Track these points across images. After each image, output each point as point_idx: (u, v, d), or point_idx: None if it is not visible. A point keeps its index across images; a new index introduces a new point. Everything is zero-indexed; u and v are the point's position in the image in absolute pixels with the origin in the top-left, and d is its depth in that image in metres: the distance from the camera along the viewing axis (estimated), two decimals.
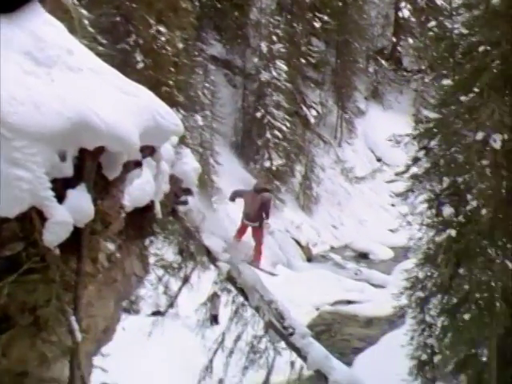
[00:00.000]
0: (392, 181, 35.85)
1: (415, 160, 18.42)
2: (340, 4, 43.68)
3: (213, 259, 11.41)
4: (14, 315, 6.06)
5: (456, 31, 16.42)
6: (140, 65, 22.89)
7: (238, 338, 11.74)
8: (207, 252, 11.40)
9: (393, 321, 26.69)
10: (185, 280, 11.76)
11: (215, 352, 12.02)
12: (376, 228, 39.53)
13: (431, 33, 18.51)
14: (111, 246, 7.25)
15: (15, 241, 5.70)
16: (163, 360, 22.30)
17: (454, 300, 16.36)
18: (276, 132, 36.63)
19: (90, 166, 6.12)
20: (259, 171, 36.87)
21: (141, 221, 7.92)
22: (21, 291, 5.91)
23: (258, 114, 37.09)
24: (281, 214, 37.10)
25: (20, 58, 5.90)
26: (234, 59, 41.30)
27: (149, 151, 7.11)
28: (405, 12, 49.41)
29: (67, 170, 5.87)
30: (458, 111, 15.53)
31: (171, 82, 22.99)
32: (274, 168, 36.72)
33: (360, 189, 43.75)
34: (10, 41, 5.86)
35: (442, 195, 16.66)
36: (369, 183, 44.38)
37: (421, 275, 17.87)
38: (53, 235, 5.64)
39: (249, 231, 11.79)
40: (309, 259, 36.18)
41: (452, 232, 15.62)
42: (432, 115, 17.56)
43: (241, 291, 11.53)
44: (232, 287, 11.58)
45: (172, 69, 23.53)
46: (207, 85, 34.23)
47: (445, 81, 16.71)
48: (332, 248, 38.60)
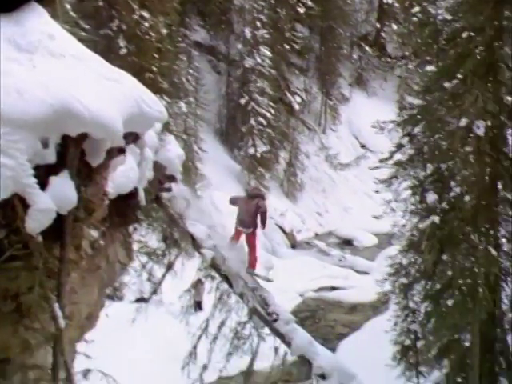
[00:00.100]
0: (376, 167, 35.86)
1: (399, 147, 18.48)
2: None
3: (197, 246, 11.40)
4: None
5: (440, 17, 16.45)
6: (123, 51, 22.76)
7: (222, 325, 11.76)
8: (191, 239, 11.39)
9: (377, 307, 26.94)
10: (169, 267, 11.73)
11: (199, 338, 12.02)
12: (360, 215, 39.69)
13: (415, 18, 18.53)
14: (95, 233, 7.20)
15: None
16: (147, 346, 22.39)
17: (438, 286, 16.48)
18: (260, 119, 36.62)
19: (73, 153, 6.06)
20: (243, 158, 36.89)
21: (124, 208, 7.88)
22: (3, 278, 5.86)
23: (243, 101, 37.06)
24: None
25: (2, 45, 5.83)
26: (218, 45, 41.15)
27: (132, 138, 7.06)
28: None
29: (50, 157, 5.80)
30: (442, 98, 15.57)
31: (155, 68, 22.88)
32: (259, 155, 36.77)
33: (344, 176, 43.87)
34: None
35: (426, 182, 16.73)
36: (353, 170, 44.49)
37: (404, 261, 17.99)
38: (35, 222, 5.59)
39: (243, 237, 11.76)
40: (293, 246, 36.32)
41: (435, 219, 15.70)
42: (416, 102, 17.60)
43: (225, 278, 11.53)
44: (216, 274, 11.57)
45: (155, 55, 23.41)
46: (191, 71, 34.15)
47: (429, 67, 16.74)
48: (316, 235, 38.82)
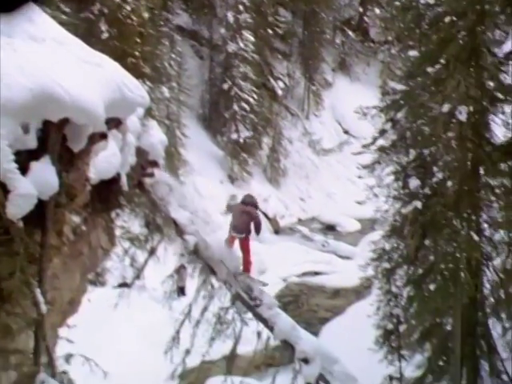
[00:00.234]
0: (359, 153, 35.99)
1: (382, 132, 18.50)
2: None
3: (180, 232, 11.35)
4: None
5: (422, 1, 16.42)
6: (105, 35, 22.59)
7: (205, 310, 11.74)
8: (174, 224, 11.34)
9: (359, 291, 27.10)
10: (151, 252, 11.68)
11: (182, 323, 12.00)
12: (343, 200, 39.82)
13: (398, 3, 18.48)
14: (77, 219, 7.18)
15: None
16: (130, 331, 22.39)
17: (420, 271, 16.59)
18: (243, 104, 36.54)
19: (55, 138, 6.02)
20: (226, 144, 36.83)
21: (107, 193, 7.85)
22: None
23: (225, 86, 36.94)
24: (248, 187, 37.23)
25: None
26: (201, 30, 40.92)
27: (114, 123, 7.02)
28: None
29: (31, 142, 5.76)
30: (425, 83, 15.59)
31: (137, 53, 22.72)
32: (242, 140, 36.73)
33: (327, 161, 43.94)
34: None
35: (409, 167, 16.78)
36: (336, 155, 44.55)
37: (387, 247, 18.08)
38: (16, 208, 5.55)
39: (236, 243, 11.75)
40: (276, 231, 36.40)
41: (418, 204, 15.78)
42: (399, 87, 17.60)
43: (207, 264, 11.51)
44: (199, 260, 11.54)
45: (137, 39, 23.24)
46: (174, 56, 33.95)
47: (411, 52, 16.75)
48: (299, 220, 38.93)
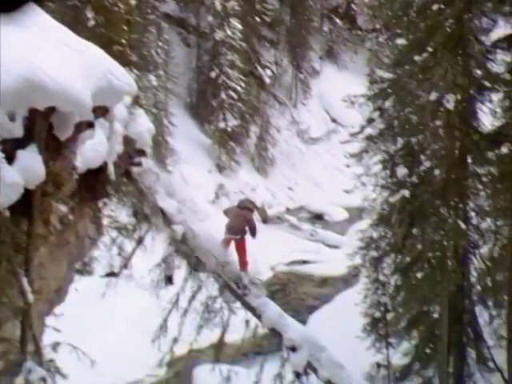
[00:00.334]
0: (347, 142, 36.08)
1: (370, 121, 18.53)
2: None
3: (167, 221, 11.33)
4: None
5: None
6: (91, 22, 22.36)
7: (193, 298, 11.75)
8: (162, 214, 11.32)
9: (347, 280, 27.16)
10: (139, 241, 11.66)
11: (170, 312, 12.01)
12: (331, 189, 39.83)
13: None
14: (64, 208, 7.13)
15: None
16: (118, 320, 22.37)
17: (407, 259, 16.67)
18: (231, 92, 36.40)
19: (41, 127, 5.98)
20: (214, 132, 36.73)
21: (94, 182, 7.80)
22: None
23: (213, 74, 36.78)
24: (236, 176, 37.20)
25: None
26: (188, 17, 40.68)
27: (101, 112, 6.97)
28: None
29: (17, 131, 5.72)
30: (412, 71, 15.60)
31: (124, 41, 22.53)
32: (229, 129, 36.63)
33: (315, 150, 43.92)
34: None
35: (396, 156, 16.82)
36: (324, 144, 44.54)
37: (375, 235, 18.16)
38: (2, 197, 5.51)
39: (232, 246, 11.81)
40: (264, 221, 36.36)
41: (406, 193, 15.83)
42: (386, 75, 17.63)
43: (195, 253, 11.50)
44: (187, 249, 11.53)
45: (124, 27, 23.03)
46: (161, 44, 33.73)
47: (399, 40, 16.75)
48: (287, 209, 38.91)
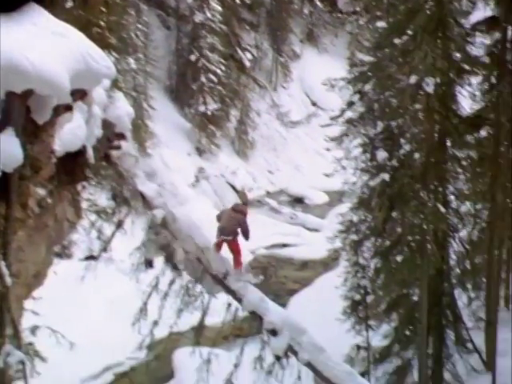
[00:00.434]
0: (327, 125, 36.14)
1: (350, 104, 18.55)
2: None
3: (147, 204, 11.29)
4: None
5: None
6: (69, 4, 22.04)
7: (173, 282, 11.73)
8: (141, 197, 11.26)
9: (327, 263, 27.32)
10: (118, 225, 11.60)
11: (149, 295, 11.98)
12: (311, 173, 39.94)
13: None
14: (42, 192, 7.09)
15: None
16: (97, 303, 22.32)
17: (387, 243, 16.78)
18: (211, 76, 36.24)
19: (18, 110, 5.93)
20: (194, 116, 36.60)
21: (72, 166, 7.76)
22: None
23: (193, 57, 36.59)
24: (216, 159, 37.15)
25: None
26: None
27: (80, 95, 6.92)
28: None
29: None
30: (392, 54, 15.61)
31: (102, 23, 22.26)
32: (209, 113, 36.52)
33: (295, 134, 43.94)
34: None
35: (376, 139, 16.87)
36: (304, 128, 44.56)
37: (355, 219, 18.23)
38: None
39: (224, 248, 11.75)
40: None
41: (386, 176, 15.89)
42: (367, 58, 17.64)
43: (175, 237, 11.47)
44: (166, 233, 11.50)
45: (103, 8, 22.76)
46: (140, 26, 33.47)
47: (379, 23, 16.76)
48: (268, 193, 39.00)
